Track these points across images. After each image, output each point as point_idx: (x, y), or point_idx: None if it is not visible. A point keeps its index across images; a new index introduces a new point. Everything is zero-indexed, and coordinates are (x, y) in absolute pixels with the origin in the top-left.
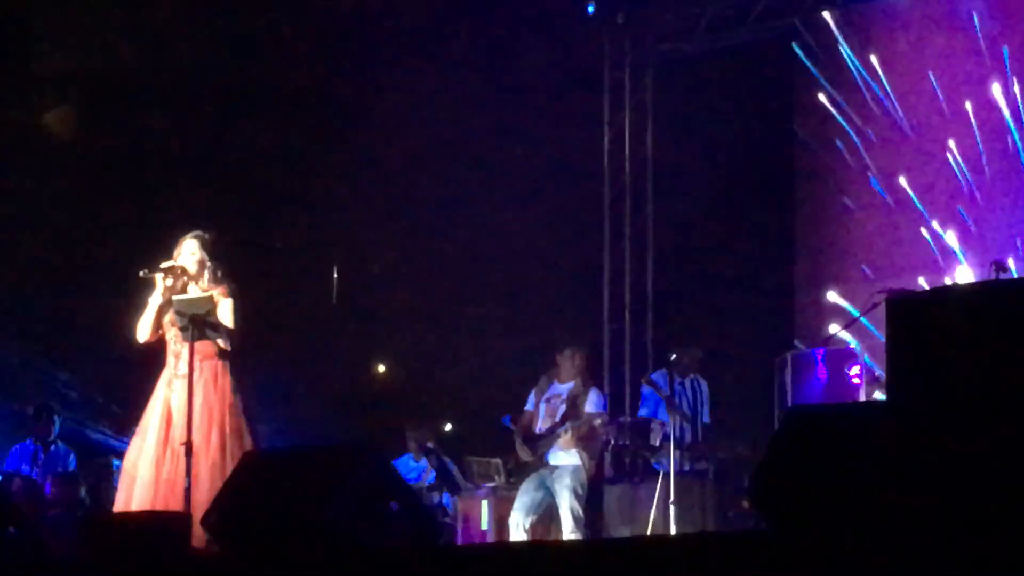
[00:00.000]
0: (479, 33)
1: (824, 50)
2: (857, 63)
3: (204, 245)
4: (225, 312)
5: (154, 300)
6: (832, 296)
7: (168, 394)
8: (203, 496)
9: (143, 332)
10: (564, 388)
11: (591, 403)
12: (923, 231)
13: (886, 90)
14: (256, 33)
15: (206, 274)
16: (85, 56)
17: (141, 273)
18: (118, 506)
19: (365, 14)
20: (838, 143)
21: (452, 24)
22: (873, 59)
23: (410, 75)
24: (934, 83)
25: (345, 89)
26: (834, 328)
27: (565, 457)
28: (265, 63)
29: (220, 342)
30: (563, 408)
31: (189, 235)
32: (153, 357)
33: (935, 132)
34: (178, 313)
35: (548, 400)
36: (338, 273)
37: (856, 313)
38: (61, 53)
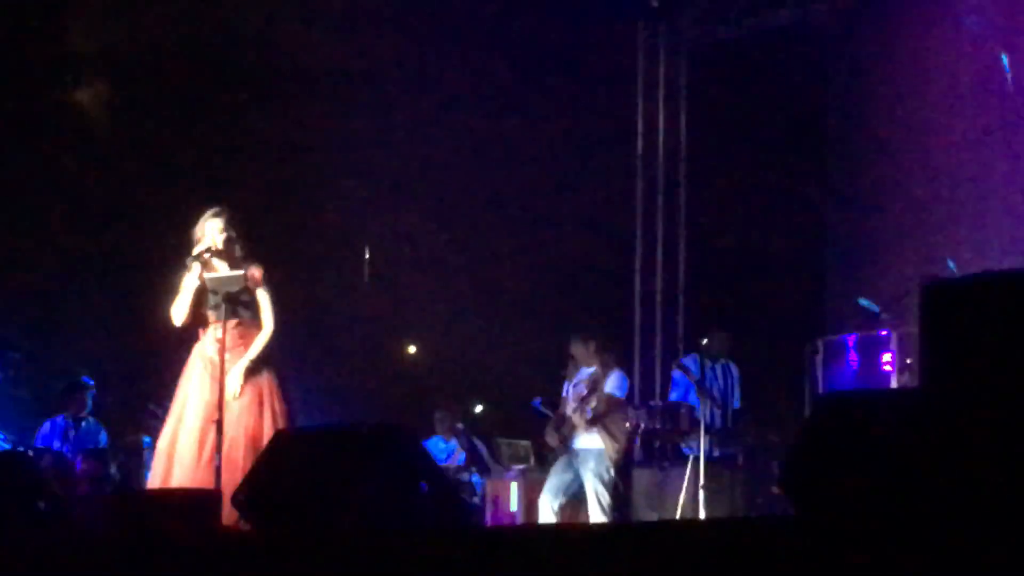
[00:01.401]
0: (510, 19)
1: (861, 33)
2: (895, 46)
3: (229, 222)
4: (264, 300)
5: (189, 283)
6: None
7: (201, 373)
8: (230, 474)
9: (179, 315)
10: (588, 372)
11: (610, 385)
12: (959, 217)
13: (925, 74)
14: (293, 12)
15: (236, 250)
16: (118, 35)
17: (188, 262)
18: (153, 485)
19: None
20: (874, 128)
21: (483, 10)
22: (911, 43)
23: (441, 61)
24: (977, 66)
25: (377, 72)
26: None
27: (588, 441)
28: (300, 44)
29: (262, 335)
30: (585, 392)
31: (210, 213)
32: (182, 339)
33: (974, 117)
34: (211, 292)
35: (575, 386)
36: (370, 254)
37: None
38: (94, 31)
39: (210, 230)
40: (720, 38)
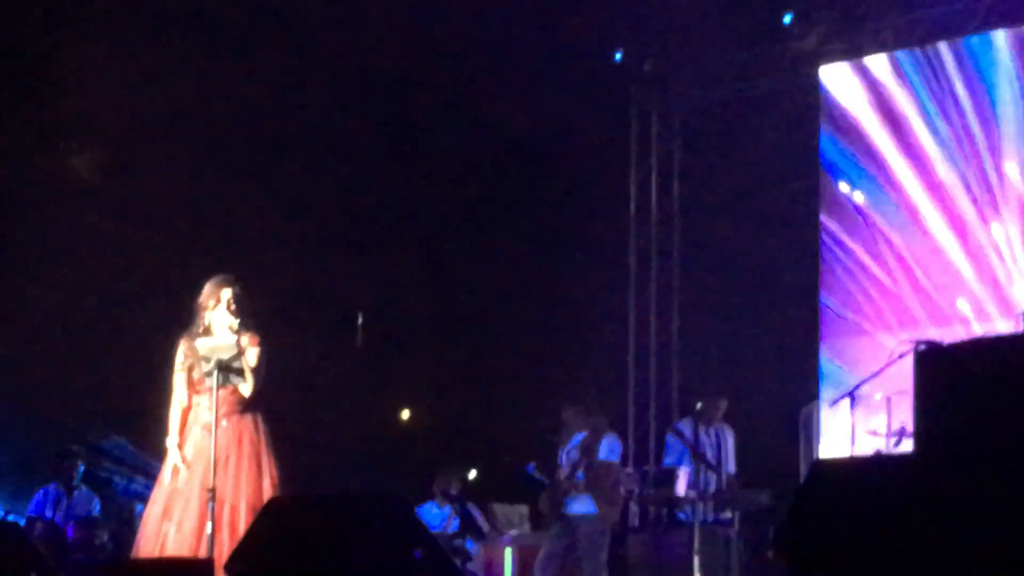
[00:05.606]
0: (504, 81)
1: (849, 99)
2: (882, 111)
3: (237, 295)
4: (252, 357)
5: (178, 395)
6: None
7: (196, 440)
8: (229, 544)
9: (174, 427)
10: (580, 437)
11: (603, 449)
12: (948, 280)
13: (908, 138)
14: (290, 70)
15: (237, 323)
16: (111, 99)
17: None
18: (142, 552)
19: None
20: (863, 192)
21: (480, 71)
22: (893, 108)
23: (449, 123)
24: (958, 128)
25: (370, 141)
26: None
27: (582, 506)
28: (284, 113)
29: (243, 388)
30: (577, 458)
31: (223, 281)
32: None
33: (956, 177)
34: (203, 359)
35: (568, 452)
36: (363, 318)
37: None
38: (86, 96)
39: (222, 299)
40: (712, 102)
